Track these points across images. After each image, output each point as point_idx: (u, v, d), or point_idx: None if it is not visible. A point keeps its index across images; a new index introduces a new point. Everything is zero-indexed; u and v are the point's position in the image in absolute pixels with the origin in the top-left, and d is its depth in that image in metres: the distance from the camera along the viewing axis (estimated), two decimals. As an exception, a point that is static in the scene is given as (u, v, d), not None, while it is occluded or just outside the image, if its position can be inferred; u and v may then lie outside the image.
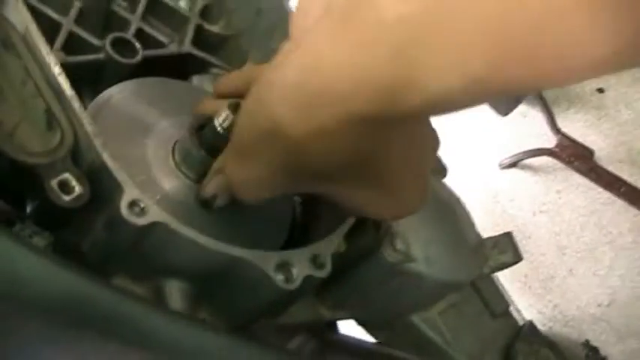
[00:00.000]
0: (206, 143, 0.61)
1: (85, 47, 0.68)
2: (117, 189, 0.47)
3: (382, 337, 0.76)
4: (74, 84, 0.51)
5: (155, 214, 0.47)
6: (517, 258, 0.76)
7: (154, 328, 0.37)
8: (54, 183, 0.45)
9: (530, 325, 0.85)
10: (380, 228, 0.64)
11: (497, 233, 1.64)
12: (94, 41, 0.68)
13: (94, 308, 0.36)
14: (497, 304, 0.81)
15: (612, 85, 1.51)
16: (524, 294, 1.67)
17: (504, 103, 1.65)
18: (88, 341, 0.35)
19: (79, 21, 0.69)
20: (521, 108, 1.64)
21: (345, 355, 0.59)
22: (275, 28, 0.80)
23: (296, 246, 0.57)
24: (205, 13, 0.83)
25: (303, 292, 0.54)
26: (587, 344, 1.25)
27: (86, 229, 0.50)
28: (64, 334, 0.35)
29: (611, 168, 1.45)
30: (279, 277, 0.52)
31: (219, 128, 0.60)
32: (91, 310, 0.35)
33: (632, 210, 1.43)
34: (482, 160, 1.67)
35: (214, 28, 0.83)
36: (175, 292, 0.53)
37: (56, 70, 0.50)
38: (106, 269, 0.52)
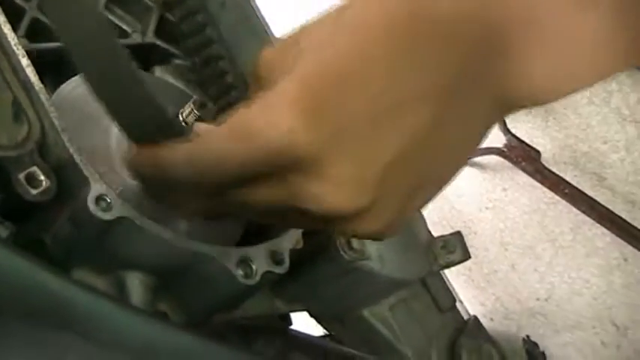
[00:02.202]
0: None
1: (48, 34, 0.67)
2: (83, 183, 0.48)
3: (334, 329, 0.79)
4: (37, 71, 0.52)
5: (121, 208, 0.48)
6: (465, 256, 0.78)
7: (114, 322, 0.38)
8: (21, 176, 0.45)
9: (475, 321, 0.88)
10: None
11: (444, 227, 1.68)
12: (58, 29, 0.68)
13: (51, 300, 0.36)
14: (444, 300, 0.84)
15: (561, 90, 1.56)
16: (467, 287, 1.72)
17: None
18: (42, 333, 0.35)
19: (42, 7, 0.68)
20: (473, 107, 1.69)
21: (308, 357, 0.61)
22: (238, 23, 0.80)
23: (252, 238, 0.58)
24: (169, 3, 0.83)
25: (261, 286, 0.56)
26: (527, 339, 1.30)
27: (50, 221, 0.50)
28: (20, 326, 0.35)
29: (555, 169, 1.50)
30: (239, 273, 0.53)
31: (182, 123, 0.61)
32: (47, 302, 0.36)
33: (574, 211, 1.49)
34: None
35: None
36: (137, 284, 0.54)
37: (24, 61, 0.50)
38: (68, 261, 0.52)
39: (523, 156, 1.53)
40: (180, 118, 0.61)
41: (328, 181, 0.38)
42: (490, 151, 1.60)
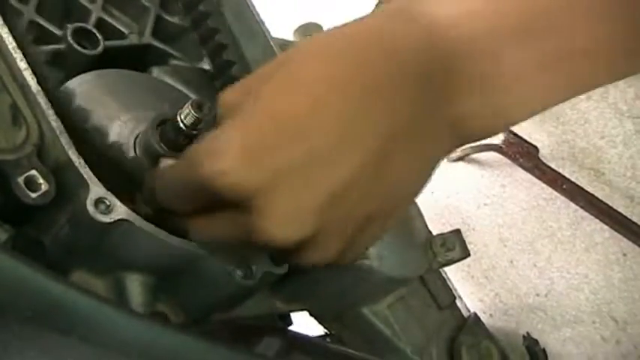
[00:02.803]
0: (167, 139, 0.62)
1: (46, 37, 0.67)
2: (83, 186, 0.48)
3: (334, 328, 0.79)
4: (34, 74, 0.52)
5: (121, 211, 0.48)
6: (464, 254, 0.78)
7: (115, 326, 0.38)
8: (20, 180, 0.45)
9: (474, 317, 0.88)
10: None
11: (442, 224, 1.68)
12: (56, 31, 0.68)
13: (52, 305, 0.36)
14: (443, 297, 0.84)
15: (558, 86, 1.56)
16: (466, 283, 1.72)
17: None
18: (44, 337, 0.35)
19: (39, 10, 0.68)
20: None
21: (309, 357, 0.61)
22: (234, 19, 0.80)
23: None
24: (165, 3, 0.83)
25: (260, 286, 0.56)
26: (528, 336, 1.30)
27: (49, 223, 0.50)
28: (22, 330, 0.35)
29: (554, 165, 1.51)
30: (238, 273, 0.53)
31: (181, 124, 0.61)
32: (48, 306, 0.36)
33: (572, 206, 1.49)
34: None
35: (174, 19, 0.83)
36: (136, 285, 0.54)
37: (22, 65, 0.50)
38: (68, 263, 0.52)
39: (521, 152, 1.54)
40: (179, 119, 0.61)
41: (267, 217, 0.42)
42: (488, 147, 1.60)
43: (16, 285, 0.33)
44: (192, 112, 0.60)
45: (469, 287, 1.72)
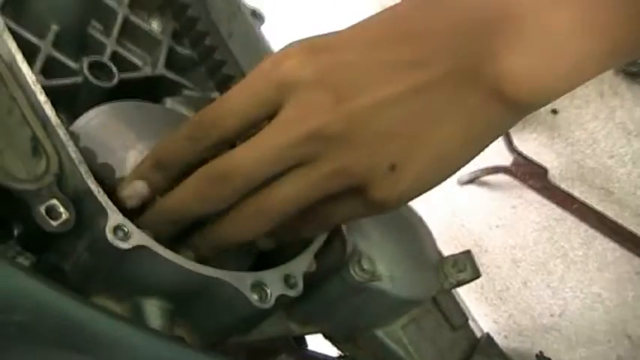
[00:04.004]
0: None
1: (62, 71, 0.69)
2: (101, 214, 0.49)
3: (347, 349, 0.79)
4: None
5: (139, 238, 0.49)
6: (476, 275, 0.79)
7: (135, 346, 0.39)
8: (42, 209, 0.47)
9: (488, 337, 0.88)
10: (346, 247, 0.67)
11: (454, 246, 1.69)
12: (72, 65, 0.70)
13: (72, 325, 0.37)
14: (456, 317, 0.85)
15: (565, 107, 1.57)
16: (480, 304, 1.72)
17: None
18: (64, 357, 0.37)
19: (56, 44, 0.70)
20: (479, 127, 1.71)
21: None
22: (244, 51, 0.82)
23: (265, 259, 0.60)
24: (176, 35, 0.85)
25: (275, 310, 0.57)
26: (541, 355, 1.30)
27: (69, 250, 0.52)
28: (43, 351, 0.37)
29: (563, 185, 1.52)
30: (254, 297, 0.54)
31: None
32: (68, 327, 0.37)
33: (583, 226, 1.49)
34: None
35: (186, 50, 0.85)
36: (154, 310, 0.55)
37: (42, 98, 0.52)
38: (86, 289, 0.54)
39: (530, 174, 1.55)
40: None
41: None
42: (498, 170, 1.61)
43: (40, 307, 0.35)
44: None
45: (483, 309, 1.72)
